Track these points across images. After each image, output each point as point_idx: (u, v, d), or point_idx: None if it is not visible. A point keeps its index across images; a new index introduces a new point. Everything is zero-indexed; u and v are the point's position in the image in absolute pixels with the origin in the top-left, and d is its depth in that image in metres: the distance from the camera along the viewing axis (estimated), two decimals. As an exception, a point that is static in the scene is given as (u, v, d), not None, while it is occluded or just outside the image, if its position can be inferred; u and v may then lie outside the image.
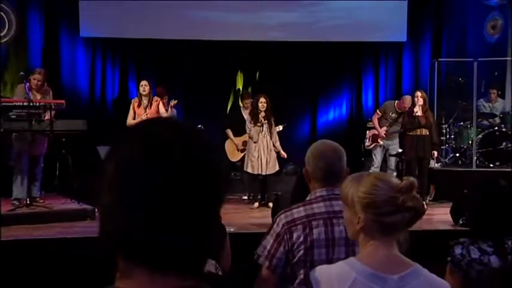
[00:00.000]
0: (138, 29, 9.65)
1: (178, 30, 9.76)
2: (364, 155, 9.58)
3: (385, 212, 1.65)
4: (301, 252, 2.21)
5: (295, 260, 2.22)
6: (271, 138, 7.77)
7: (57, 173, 8.04)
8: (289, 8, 10.13)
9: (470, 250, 2.50)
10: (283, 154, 7.80)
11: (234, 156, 8.65)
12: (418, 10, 10.30)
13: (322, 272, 1.70)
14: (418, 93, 7.60)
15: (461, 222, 5.96)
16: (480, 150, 8.56)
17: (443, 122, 9.14)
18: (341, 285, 1.63)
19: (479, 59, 8.85)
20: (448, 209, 6.35)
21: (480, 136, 8.64)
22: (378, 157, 8.42)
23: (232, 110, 9.43)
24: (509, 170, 8.28)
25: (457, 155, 8.96)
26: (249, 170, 7.76)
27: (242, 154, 8.46)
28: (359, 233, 1.71)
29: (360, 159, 9.50)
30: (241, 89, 9.95)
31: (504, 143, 8.49)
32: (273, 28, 10.07)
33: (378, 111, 8.58)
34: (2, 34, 8.60)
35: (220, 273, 2.25)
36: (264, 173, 7.72)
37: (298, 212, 2.28)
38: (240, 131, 8.49)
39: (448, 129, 9.12)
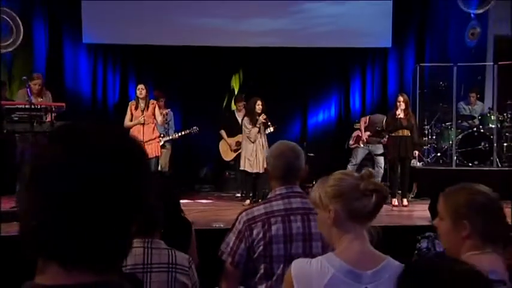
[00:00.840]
0: (138, 35, 9.66)
1: (176, 37, 9.77)
2: (350, 154, 9.62)
3: (351, 197, 1.66)
4: (261, 248, 2.22)
5: (255, 255, 2.24)
6: (265, 138, 7.84)
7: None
8: (279, 15, 10.16)
9: (436, 244, 2.53)
10: None
11: (228, 156, 8.69)
12: (402, 17, 10.31)
13: (301, 267, 1.68)
14: (400, 98, 7.65)
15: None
16: (460, 150, 8.60)
17: (426, 123, 9.21)
18: (319, 280, 1.62)
19: (458, 64, 8.90)
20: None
21: (460, 137, 8.67)
22: (357, 157, 8.49)
23: (226, 112, 9.47)
24: (487, 168, 8.35)
25: (438, 154, 9.00)
26: (247, 169, 7.77)
27: (235, 154, 8.50)
28: (331, 227, 1.70)
29: (347, 158, 9.53)
30: (236, 92, 9.97)
31: (482, 143, 8.53)
32: (265, 34, 10.08)
33: (367, 118, 8.68)
34: (10, 42, 8.61)
35: (193, 266, 2.26)
36: (261, 171, 7.77)
37: (258, 209, 2.31)
38: (233, 132, 8.53)
39: (430, 130, 9.18)
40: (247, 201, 7.67)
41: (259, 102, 7.70)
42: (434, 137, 9.17)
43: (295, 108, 10.45)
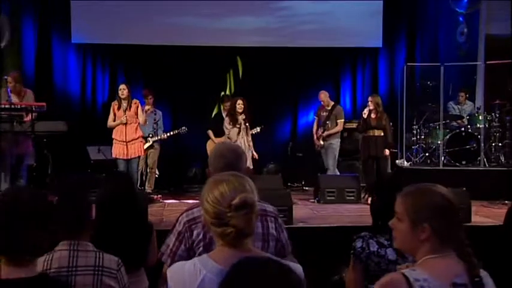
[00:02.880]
0: (127, 35, 9.64)
1: (164, 36, 9.73)
2: (343, 155, 9.56)
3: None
4: (201, 249, 2.18)
5: (195, 256, 2.19)
6: (247, 138, 7.77)
7: (48, 171, 8.08)
8: (269, 14, 10.11)
9: (370, 243, 2.51)
10: (255, 155, 7.80)
11: (216, 156, 8.63)
12: (393, 17, 10.26)
13: (176, 268, 1.69)
14: (370, 98, 7.83)
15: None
16: (448, 150, 8.52)
17: (415, 123, 9.14)
18: (192, 281, 1.61)
19: (446, 64, 8.82)
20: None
21: (448, 137, 8.59)
22: (322, 157, 8.48)
23: (217, 115, 9.42)
24: (475, 168, 8.27)
25: (427, 154, 8.92)
26: None
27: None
28: None
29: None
30: (232, 91, 9.92)
31: (470, 143, 8.45)
32: (255, 33, 10.05)
33: (315, 117, 8.75)
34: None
35: (122, 269, 2.21)
36: None
37: (199, 210, 2.23)
38: (220, 132, 8.48)
39: (418, 130, 9.11)
40: (231, 201, 7.61)
41: (239, 101, 7.65)
42: (422, 136, 9.10)
43: (285, 108, 10.40)
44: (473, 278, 1.64)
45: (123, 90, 7.18)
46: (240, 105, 7.66)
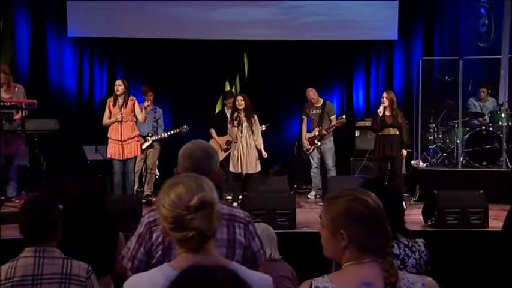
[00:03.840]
0: (126, 28, 9.64)
1: (164, 30, 9.71)
2: (355, 155, 9.54)
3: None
4: (159, 253, 2.17)
5: (154, 260, 2.18)
6: (252, 137, 7.72)
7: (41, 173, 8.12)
8: (278, 5, 10.06)
9: None
10: (264, 154, 7.77)
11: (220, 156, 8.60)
12: (409, 8, 10.13)
13: (134, 281, 1.67)
14: (384, 94, 7.67)
15: (429, 222, 5.87)
16: (467, 150, 8.41)
17: (431, 121, 9.04)
18: None
19: (465, 57, 8.70)
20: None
21: (467, 136, 8.48)
22: (314, 158, 8.56)
23: (220, 112, 9.40)
24: (496, 170, 8.15)
25: (445, 154, 8.82)
26: (231, 169, 7.77)
27: (226, 154, 8.43)
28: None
29: (349, 158, 9.44)
30: (237, 88, 9.90)
31: (491, 143, 8.32)
32: (263, 25, 10.00)
33: (302, 116, 8.83)
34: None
35: (92, 277, 2.20)
36: (244, 172, 7.68)
37: None
38: (223, 130, 8.45)
39: (436, 129, 9.01)
40: (235, 204, 7.59)
41: (239, 97, 7.66)
42: (440, 135, 9.01)
43: (294, 105, 10.30)
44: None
45: (118, 86, 7.17)
46: (239, 101, 7.64)
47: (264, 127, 8.35)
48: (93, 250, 2.77)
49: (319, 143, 8.48)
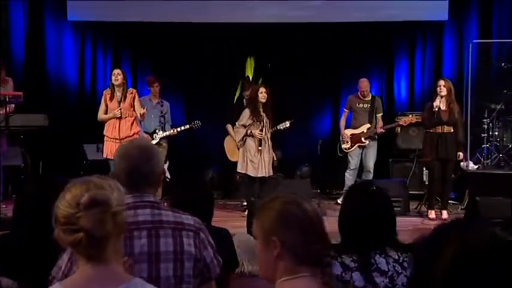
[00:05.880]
0: (133, 11, 9.61)
1: (176, 13, 9.65)
2: (395, 156, 9.33)
3: None
4: None
5: None
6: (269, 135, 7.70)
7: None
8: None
9: (333, 266, 2.39)
10: (273, 155, 7.66)
11: (234, 156, 8.50)
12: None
13: None
14: (442, 82, 7.36)
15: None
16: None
17: (486, 115, 8.77)
18: None
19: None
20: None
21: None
22: (354, 158, 8.51)
23: (238, 103, 9.31)
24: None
25: (501, 155, 8.53)
26: (250, 173, 7.68)
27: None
28: None
29: (387, 159, 9.24)
30: (250, 77, 9.81)
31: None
32: (290, 7, 9.84)
33: (345, 109, 8.85)
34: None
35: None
36: (267, 175, 7.66)
37: None
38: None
39: (491, 125, 8.75)
40: (247, 212, 7.47)
41: (262, 89, 7.59)
42: (496, 133, 8.74)
43: (324, 98, 10.25)
44: None
45: (117, 75, 7.18)
46: (262, 93, 7.58)
47: (288, 123, 8.27)
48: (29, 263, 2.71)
49: (366, 142, 8.44)
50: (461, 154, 7.42)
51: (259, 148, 7.95)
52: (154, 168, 2.29)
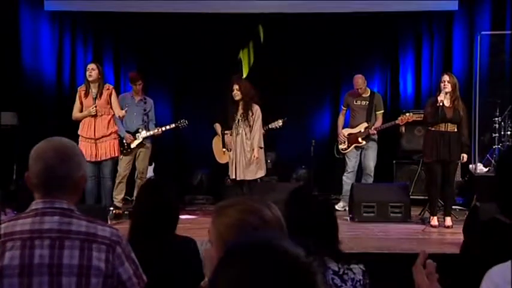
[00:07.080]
0: (116, 0, 9.60)
1: (164, 2, 9.63)
2: (400, 157, 9.30)
3: None
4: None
5: None
6: (250, 134, 7.64)
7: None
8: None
9: None
10: (255, 155, 7.58)
11: (222, 158, 8.49)
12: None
13: None
14: (446, 77, 7.30)
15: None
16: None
17: (497, 113, 8.77)
18: None
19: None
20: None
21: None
22: (352, 160, 8.52)
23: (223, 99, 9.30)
24: None
25: (513, 157, 8.43)
26: (230, 174, 7.82)
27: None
28: None
29: (391, 161, 9.18)
30: (246, 72, 9.80)
31: None
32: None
33: (342, 107, 8.91)
34: None
35: None
36: (238, 178, 7.68)
37: (8, 226, 2.18)
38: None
39: (502, 124, 8.76)
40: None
41: (235, 86, 7.61)
42: (508, 133, 8.73)
43: (324, 93, 10.24)
44: None
45: (91, 70, 7.18)
46: (235, 91, 7.60)
47: (281, 122, 8.28)
48: None
49: (363, 142, 8.43)
50: (465, 156, 7.30)
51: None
52: (72, 171, 2.22)
